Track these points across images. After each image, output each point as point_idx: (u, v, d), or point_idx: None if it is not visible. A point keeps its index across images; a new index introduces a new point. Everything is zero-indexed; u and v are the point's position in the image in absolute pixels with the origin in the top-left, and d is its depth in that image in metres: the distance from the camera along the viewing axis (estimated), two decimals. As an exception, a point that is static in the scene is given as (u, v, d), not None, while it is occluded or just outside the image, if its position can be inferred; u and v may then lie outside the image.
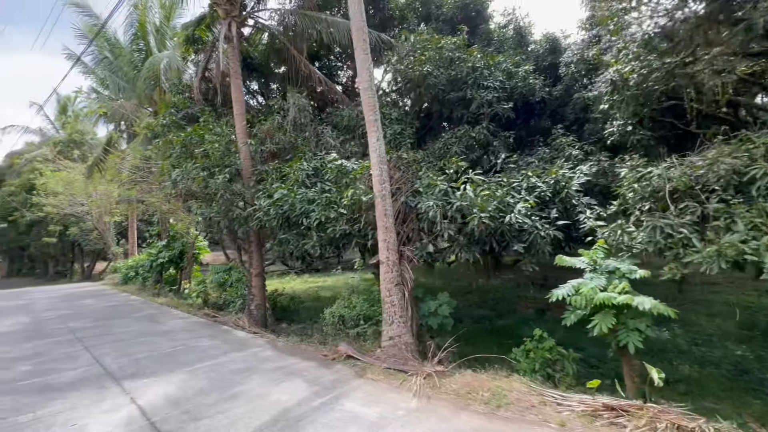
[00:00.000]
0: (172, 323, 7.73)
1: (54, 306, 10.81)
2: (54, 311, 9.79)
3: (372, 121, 6.18)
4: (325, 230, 6.56)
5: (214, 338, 6.37)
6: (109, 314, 9.11)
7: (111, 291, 14.99)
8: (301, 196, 6.75)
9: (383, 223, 5.82)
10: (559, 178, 6.66)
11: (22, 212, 23.92)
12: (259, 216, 7.33)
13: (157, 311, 9.49)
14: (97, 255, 29.75)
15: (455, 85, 8.53)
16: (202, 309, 11.07)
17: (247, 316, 8.43)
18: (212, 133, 7.80)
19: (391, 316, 5.50)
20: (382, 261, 5.74)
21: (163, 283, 15.19)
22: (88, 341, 6.35)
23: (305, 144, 8.10)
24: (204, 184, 7.42)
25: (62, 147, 26.07)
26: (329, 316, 6.01)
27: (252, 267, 8.68)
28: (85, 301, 11.68)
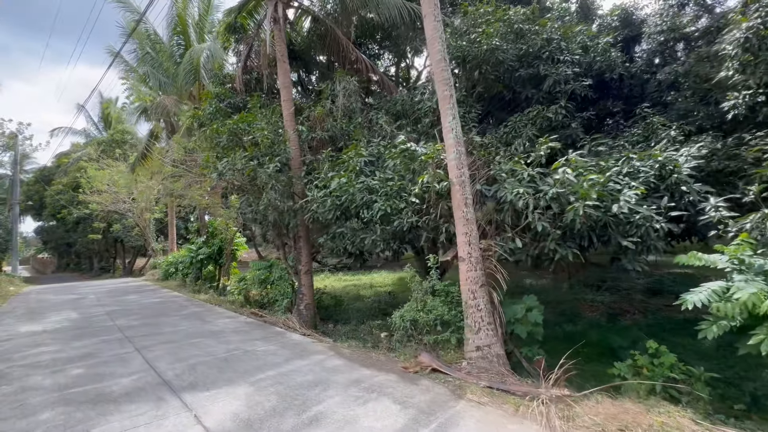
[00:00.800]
0: (220, 323, 7.26)
1: (101, 301, 10.74)
2: (101, 307, 9.65)
3: (446, 97, 5.38)
4: (389, 223, 5.84)
5: (268, 341, 5.80)
6: (156, 311, 8.81)
7: (153, 287, 15.01)
8: (361, 186, 6.06)
9: (462, 213, 5.02)
10: (664, 161, 5.61)
11: (69, 209, 24.83)
12: (313, 208, 6.72)
13: (202, 309, 9.12)
14: (137, 251, 30.65)
15: (525, 60, 7.57)
16: (245, 307, 10.70)
17: (297, 317, 7.87)
18: (262, 118, 7.26)
19: (477, 323, 4.69)
20: (462, 257, 4.94)
21: (202, 280, 15.08)
22: (139, 341, 5.94)
23: (357, 131, 7.40)
24: (253, 174, 6.88)
25: (105, 147, 26.92)
26: (399, 320, 5.27)
27: (301, 264, 8.10)
28: (130, 297, 11.60)
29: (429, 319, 4.97)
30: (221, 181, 7.95)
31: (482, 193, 5.76)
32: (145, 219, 21.58)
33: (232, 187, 8.41)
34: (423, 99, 8.04)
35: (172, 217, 19.73)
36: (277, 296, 10.05)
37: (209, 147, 7.57)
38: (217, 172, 7.52)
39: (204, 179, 8.98)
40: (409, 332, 5.22)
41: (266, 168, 6.81)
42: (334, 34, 9.78)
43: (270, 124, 7.27)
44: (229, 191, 8.45)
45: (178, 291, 13.40)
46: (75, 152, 29.35)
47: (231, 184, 7.76)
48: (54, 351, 5.55)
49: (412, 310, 5.17)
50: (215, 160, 7.97)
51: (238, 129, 7.18)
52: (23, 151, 32.21)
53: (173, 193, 9.93)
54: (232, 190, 8.64)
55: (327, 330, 8.59)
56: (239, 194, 8.54)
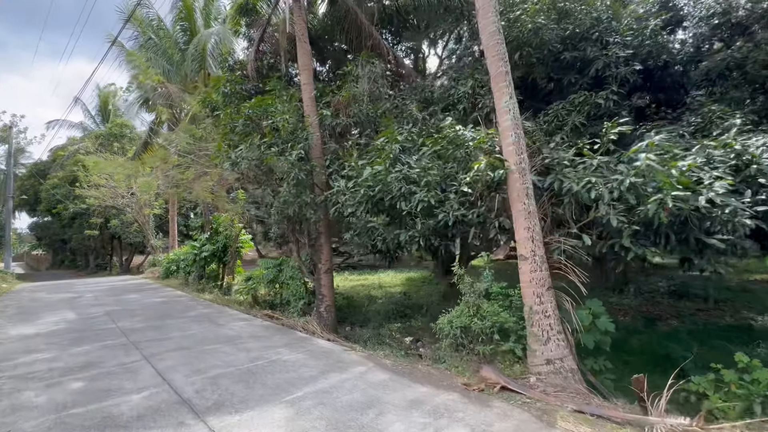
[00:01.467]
0: (234, 326, 6.58)
1: (100, 300, 10.01)
2: (100, 307, 8.94)
3: (501, 74, 4.74)
4: (432, 216, 5.19)
5: (293, 349, 5.13)
6: (160, 312, 8.11)
7: (154, 285, 14.28)
8: (398, 174, 5.40)
9: (523, 206, 4.38)
10: (740, 150, 5.00)
11: (65, 204, 24.02)
12: (340, 200, 6.06)
13: (211, 310, 8.42)
14: (134, 248, 29.83)
15: (570, 42, 6.94)
16: (254, 308, 10.05)
17: (317, 319, 7.20)
18: (282, 100, 6.59)
19: (546, 331, 4.04)
20: (524, 256, 4.29)
21: (206, 278, 14.38)
22: (146, 348, 5.25)
23: (387, 117, 6.74)
24: (272, 163, 6.20)
25: (103, 140, 26.11)
26: (447, 327, 4.61)
27: (321, 262, 7.43)
28: (131, 296, 10.87)
29: (484, 327, 4.32)
30: (233, 172, 7.28)
31: (534, 184, 5.13)
32: (145, 214, 20.82)
33: (246, 178, 7.73)
34: (456, 85, 7.40)
35: (173, 212, 18.99)
36: (290, 297, 9.41)
37: (222, 134, 6.88)
38: (230, 162, 6.84)
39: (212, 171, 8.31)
40: (459, 340, 4.56)
41: (288, 156, 6.13)
42: (354, 18, 9.11)
43: (290, 109, 6.59)
44: (241, 183, 7.76)
45: (181, 290, 12.69)
46: (72, 145, 28.50)
47: (245, 175, 7.08)
48: (50, 359, 4.86)
49: (462, 316, 4.52)
50: (228, 148, 7.29)
51: (256, 113, 6.49)
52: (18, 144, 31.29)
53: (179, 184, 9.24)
54: (244, 183, 7.96)
55: (347, 334, 7.94)
56: (254, 186, 7.86)
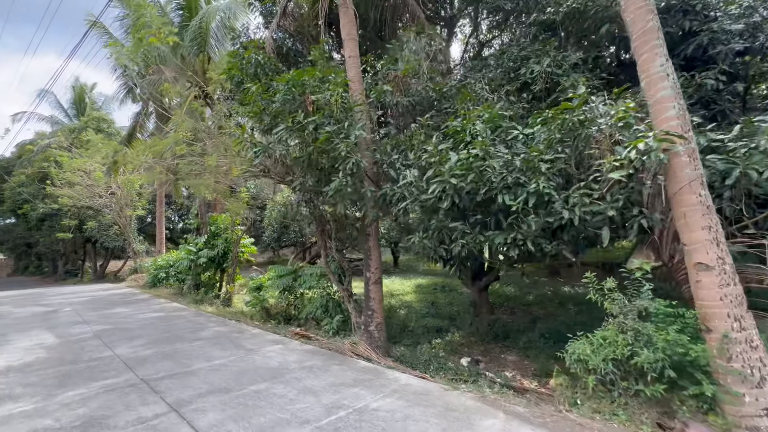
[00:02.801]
0: (270, 352, 5.20)
1: (82, 316, 8.33)
2: (85, 325, 7.30)
3: (651, 30, 3.68)
4: (549, 213, 4.05)
5: (372, 389, 3.84)
6: (165, 332, 6.59)
7: (142, 295, 12.52)
8: (500, 160, 4.25)
9: (698, 199, 3.30)
10: None
11: (33, 204, 21.59)
12: (408, 194, 4.85)
13: (227, 328, 6.96)
14: (110, 253, 27.36)
15: (667, 15, 6.02)
16: (267, 322, 8.69)
17: (367, 340, 5.91)
18: (331, 71, 5.33)
19: (756, 369, 2.95)
20: (707, 265, 3.20)
21: (203, 287, 12.78)
22: (168, 390, 3.84)
23: (464, 92, 5.57)
24: (327, 145, 4.92)
25: (77, 135, 23.84)
26: (596, 360, 3.44)
27: (370, 271, 6.15)
28: (119, 310, 9.20)
29: (652, 360, 3.19)
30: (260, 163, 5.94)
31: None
32: (126, 216, 18.82)
33: (273, 170, 6.39)
34: (526, 63, 6.35)
35: (161, 212, 17.13)
36: (315, 310, 8.08)
37: (251, 113, 5.56)
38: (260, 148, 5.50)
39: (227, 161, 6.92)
40: (609, 377, 3.41)
41: (348, 137, 4.86)
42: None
43: (341, 83, 5.35)
44: (273, 174, 6.42)
45: (176, 301, 11.06)
46: (41, 140, 25.96)
47: (280, 162, 5.74)
48: (30, 413, 3.38)
49: (616, 344, 3.37)
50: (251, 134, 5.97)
51: (298, 87, 5.20)
52: (-22, 137, 28.41)
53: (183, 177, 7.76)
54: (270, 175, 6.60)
55: (399, 355, 6.69)
56: (281, 179, 6.51)
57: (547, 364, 6.26)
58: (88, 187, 18.58)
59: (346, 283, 8.23)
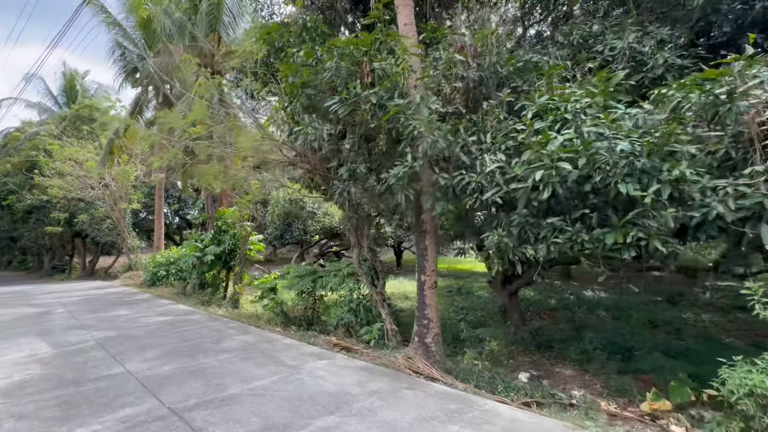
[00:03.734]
0: (317, 370, 4.33)
1: (78, 319, 7.31)
2: (84, 331, 6.31)
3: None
4: (683, 204, 3.26)
5: (480, 428, 3.01)
6: (180, 341, 5.65)
7: (142, 295, 11.48)
8: (623, 142, 3.45)
9: None
10: None
11: (20, 195, 20.23)
12: (487, 183, 4.03)
13: (252, 336, 6.05)
14: (101, 249, 26.01)
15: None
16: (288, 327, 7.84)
17: (423, 354, 5.07)
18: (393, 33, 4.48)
19: None
20: None
21: (209, 287, 11.80)
22: (208, 427, 2.94)
23: (552, 66, 4.75)
24: (390, 123, 4.07)
25: (68, 123, 22.52)
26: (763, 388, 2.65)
27: (425, 273, 5.29)
28: (120, 312, 8.19)
29: None
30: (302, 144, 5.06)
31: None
32: (120, 209, 17.66)
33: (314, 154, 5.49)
34: (606, 38, 5.58)
35: (160, 207, 16.01)
36: (348, 317, 7.23)
37: (293, 86, 4.66)
38: (302, 127, 4.63)
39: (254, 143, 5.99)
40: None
41: (417, 114, 4.02)
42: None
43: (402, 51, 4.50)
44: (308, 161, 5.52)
45: (181, 302, 10.09)
46: (29, 128, 24.52)
47: (325, 144, 4.86)
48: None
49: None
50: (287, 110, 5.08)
51: (356, 52, 4.33)
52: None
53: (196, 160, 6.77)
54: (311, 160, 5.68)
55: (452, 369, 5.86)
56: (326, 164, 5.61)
57: (617, 382, 5.54)
58: (79, 178, 17.40)
59: (379, 285, 7.40)
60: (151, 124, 18.80)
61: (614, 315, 10.66)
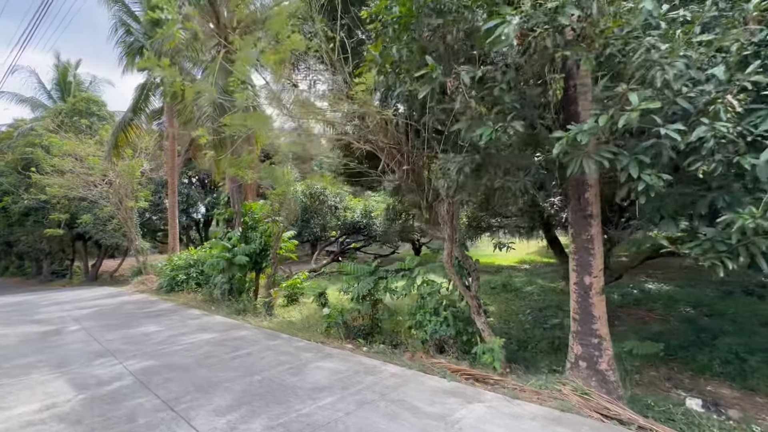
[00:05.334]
0: (476, 423, 2.90)
1: (99, 340, 5.82)
2: (113, 359, 4.83)
3: None
4: None
5: None
6: (248, 373, 4.18)
7: (163, 304, 9.99)
8: None
9: None
10: None
11: (15, 195, 18.60)
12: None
13: (341, 363, 4.58)
14: (104, 251, 24.43)
15: None
16: (354, 341, 6.47)
17: (599, 385, 3.64)
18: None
19: None
20: None
21: (239, 292, 10.35)
22: None
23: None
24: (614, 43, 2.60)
25: (65, 117, 20.87)
26: None
27: (591, 275, 3.85)
28: (148, 329, 6.69)
29: None
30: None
31: None
32: (128, 208, 16.10)
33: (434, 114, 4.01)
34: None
35: (174, 204, 14.43)
36: (441, 328, 5.82)
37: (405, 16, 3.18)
38: (431, 69, 3.15)
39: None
40: None
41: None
42: None
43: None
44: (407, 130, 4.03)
45: (213, 311, 8.63)
46: (23, 123, 22.81)
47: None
48: None
49: None
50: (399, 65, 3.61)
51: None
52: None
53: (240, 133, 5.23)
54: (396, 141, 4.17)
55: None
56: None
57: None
58: (81, 175, 15.83)
59: (473, 288, 5.99)
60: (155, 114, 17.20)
61: (702, 311, 9.29)
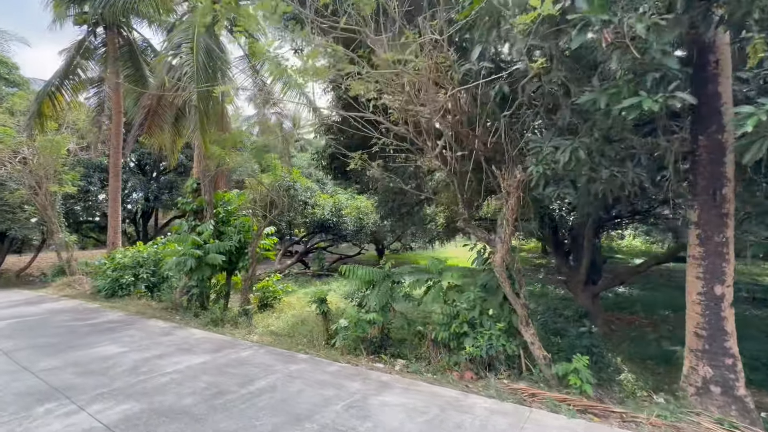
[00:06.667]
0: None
1: (36, 370, 4.08)
2: (63, 400, 3.28)
3: None
4: None
5: None
6: (293, 420, 3.00)
7: (110, 313, 7.94)
8: None
9: None
10: None
11: None
12: None
13: (414, 398, 3.53)
14: (9, 245, 20.03)
15: None
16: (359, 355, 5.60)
17: (739, 413, 3.08)
18: None
19: None
20: None
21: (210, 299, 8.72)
22: None
23: None
24: None
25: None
26: None
27: (723, 283, 3.27)
28: (105, 349, 4.95)
29: None
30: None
31: None
32: (49, 193, 13.11)
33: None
34: None
35: (116, 189, 11.87)
36: (497, 343, 5.09)
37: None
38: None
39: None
40: None
41: None
42: None
43: None
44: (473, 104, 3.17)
45: (180, 322, 6.99)
46: None
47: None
48: None
49: None
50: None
51: None
52: None
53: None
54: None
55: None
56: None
57: None
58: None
59: (523, 295, 5.39)
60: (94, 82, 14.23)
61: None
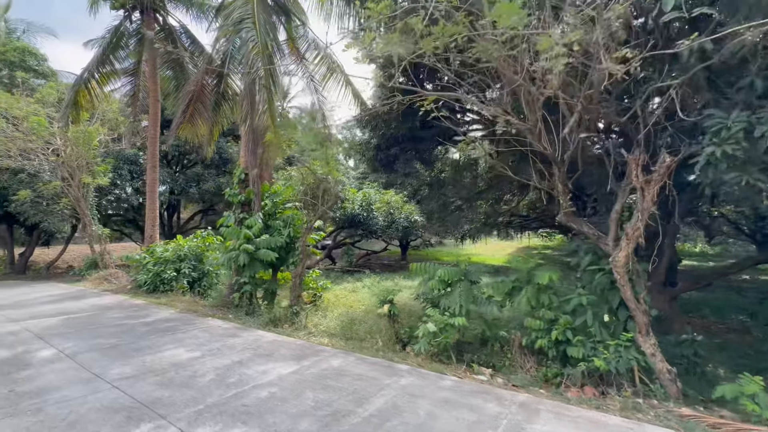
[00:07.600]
0: None
1: (109, 378, 3.58)
2: (159, 420, 2.76)
3: None
4: None
5: None
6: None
7: (159, 310, 7.48)
8: None
9: None
10: None
11: None
12: None
13: (568, 426, 2.92)
14: (37, 238, 19.98)
15: None
16: (468, 367, 4.96)
17: None
18: None
19: None
20: None
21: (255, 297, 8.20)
22: None
23: None
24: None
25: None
26: None
27: None
28: (174, 354, 4.44)
29: None
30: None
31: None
32: (83, 185, 12.82)
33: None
34: None
35: (154, 181, 11.45)
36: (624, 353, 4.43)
37: None
38: None
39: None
40: None
41: None
42: None
43: None
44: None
45: (240, 322, 6.48)
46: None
47: None
48: None
49: None
50: None
51: None
52: None
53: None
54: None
55: None
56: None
57: None
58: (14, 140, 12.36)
59: (643, 300, 4.72)
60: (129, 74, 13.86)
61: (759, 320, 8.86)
